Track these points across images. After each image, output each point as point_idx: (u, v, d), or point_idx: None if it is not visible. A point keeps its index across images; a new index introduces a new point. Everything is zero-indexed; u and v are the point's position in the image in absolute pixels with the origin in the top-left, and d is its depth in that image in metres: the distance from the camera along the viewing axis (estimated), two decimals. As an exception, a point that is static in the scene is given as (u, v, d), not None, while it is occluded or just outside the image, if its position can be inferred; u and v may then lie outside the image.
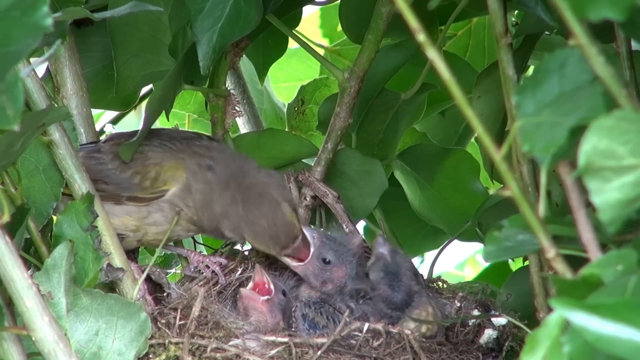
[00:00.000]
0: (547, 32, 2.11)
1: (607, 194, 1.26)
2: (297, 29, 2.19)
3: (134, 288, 1.88)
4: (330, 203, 2.04)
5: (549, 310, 1.77)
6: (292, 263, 1.90)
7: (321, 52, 2.28)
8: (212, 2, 1.86)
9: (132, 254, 1.98)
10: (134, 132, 1.89)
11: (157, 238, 1.91)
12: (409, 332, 1.83)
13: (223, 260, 1.96)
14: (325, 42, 2.68)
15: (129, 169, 1.89)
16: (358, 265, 1.93)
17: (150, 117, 1.90)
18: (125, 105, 2.20)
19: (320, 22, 2.75)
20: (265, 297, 1.89)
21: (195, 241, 2.14)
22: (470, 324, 1.91)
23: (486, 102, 2.11)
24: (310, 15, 2.75)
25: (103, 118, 2.54)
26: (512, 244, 1.43)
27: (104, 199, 1.87)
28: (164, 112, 2.03)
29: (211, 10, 1.86)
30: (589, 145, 1.25)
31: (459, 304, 1.94)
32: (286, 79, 2.71)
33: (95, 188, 1.86)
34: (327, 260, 1.90)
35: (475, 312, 1.93)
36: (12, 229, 1.63)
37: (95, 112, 2.30)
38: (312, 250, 1.90)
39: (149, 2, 1.75)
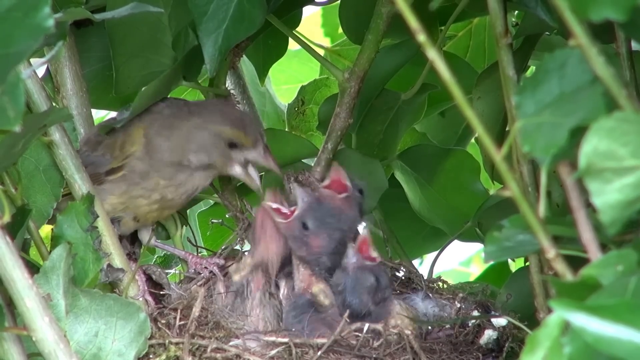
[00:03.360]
0: (547, 33, 2.11)
1: (607, 195, 1.26)
2: (298, 28, 2.19)
3: (134, 288, 1.88)
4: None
5: (549, 310, 1.75)
6: (277, 218, 1.90)
7: (321, 52, 2.28)
8: (215, 4, 1.86)
9: (133, 254, 1.98)
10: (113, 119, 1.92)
11: (152, 208, 1.91)
12: (409, 332, 1.83)
13: (220, 261, 1.96)
14: (327, 42, 2.68)
15: (100, 146, 1.92)
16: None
17: (136, 109, 1.90)
18: (125, 105, 2.20)
19: (322, 22, 2.76)
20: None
21: (197, 245, 2.14)
22: (470, 324, 1.91)
23: (486, 103, 2.11)
24: (312, 15, 2.75)
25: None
26: (512, 244, 1.43)
27: None
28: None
29: (215, 12, 1.86)
30: (590, 147, 1.25)
31: (459, 305, 1.94)
32: (287, 81, 2.71)
33: None
34: (306, 225, 1.89)
35: (475, 313, 1.93)
36: (12, 229, 1.63)
37: (98, 114, 2.30)
38: (296, 211, 1.90)
39: (149, 2, 1.76)
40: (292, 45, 2.22)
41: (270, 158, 1.93)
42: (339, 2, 2.18)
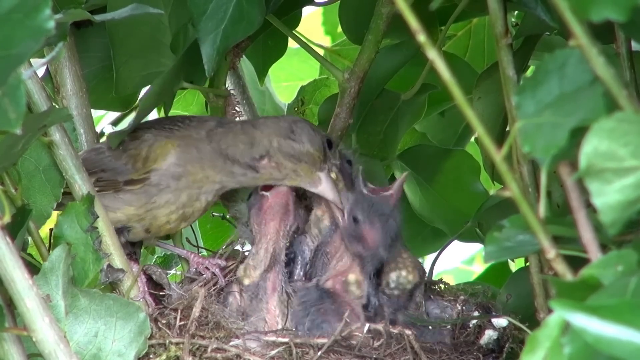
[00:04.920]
0: (547, 33, 2.11)
1: (608, 196, 1.26)
2: (298, 27, 2.19)
3: (134, 289, 1.88)
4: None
5: (549, 311, 1.76)
6: (337, 213, 1.89)
7: (321, 52, 2.28)
8: (214, 4, 1.85)
9: (133, 254, 1.98)
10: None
11: (171, 218, 1.90)
12: (410, 332, 1.83)
13: (222, 262, 1.96)
14: (327, 40, 2.68)
15: (124, 154, 1.90)
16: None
17: (143, 111, 1.90)
18: (125, 105, 2.20)
19: (322, 20, 2.75)
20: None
21: (198, 246, 2.14)
22: (470, 325, 1.91)
23: (486, 103, 2.11)
24: (313, 13, 2.75)
25: (104, 120, 2.54)
26: (512, 244, 1.43)
27: (104, 189, 1.88)
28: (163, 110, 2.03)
29: (214, 12, 1.86)
30: (590, 147, 1.25)
31: (460, 307, 1.94)
32: (287, 79, 2.71)
33: (96, 178, 1.87)
34: (357, 219, 1.88)
35: (476, 314, 1.93)
36: (12, 230, 1.63)
37: (96, 113, 2.30)
38: (346, 208, 1.88)
39: (149, 3, 1.76)
40: (293, 42, 2.22)
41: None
42: (338, 1, 2.18)
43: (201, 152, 1.88)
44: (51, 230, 1.88)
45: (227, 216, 2.09)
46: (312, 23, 2.71)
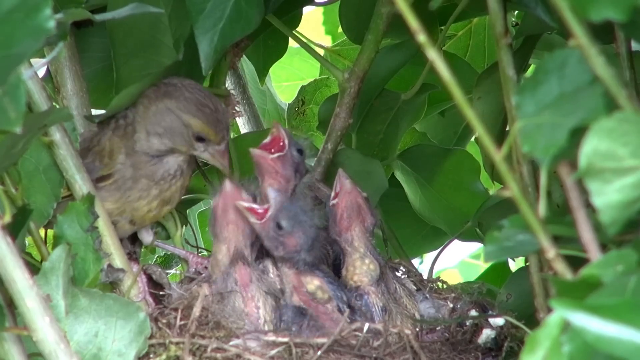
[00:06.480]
0: (548, 32, 2.11)
1: (607, 196, 1.26)
2: (299, 27, 2.19)
3: (134, 288, 1.88)
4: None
5: (549, 310, 1.76)
6: (251, 219, 1.88)
7: (321, 52, 2.28)
8: (212, 3, 1.85)
9: (133, 253, 1.98)
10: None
11: (152, 206, 1.90)
12: (409, 332, 1.83)
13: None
14: (328, 39, 2.69)
15: (89, 153, 1.90)
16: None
17: (113, 108, 1.90)
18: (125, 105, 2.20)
19: (323, 19, 2.76)
20: (278, 154, 1.89)
21: (198, 247, 2.14)
22: (467, 324, 1.91)
23: (486, 103, 2.11)
24: (313, 12, 2.76)
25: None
26: (512, 244, 1.43)
27: None
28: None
29: (212, 11, 1.86)
30: (590, 147, 1.25)
31: (453, 305, 1.94)
32: (288, 78, 2.72)
33: None
34: (281, 225, 1.87)
35: (473, 313, 1.93)
36: (13, 229, 1.64)
37: (95, 113, 2.30)
38: (269, 211, 1.88)
39: (149, 2, 1.76)
40: (294, 42, 2.22)
41: (227, 158, 1.89)
42: (339, 1, 2.19)
43: (132, 155, 1.88)
44: (46, 229, 1.89)
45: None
46: (313, 23, 2.71)
